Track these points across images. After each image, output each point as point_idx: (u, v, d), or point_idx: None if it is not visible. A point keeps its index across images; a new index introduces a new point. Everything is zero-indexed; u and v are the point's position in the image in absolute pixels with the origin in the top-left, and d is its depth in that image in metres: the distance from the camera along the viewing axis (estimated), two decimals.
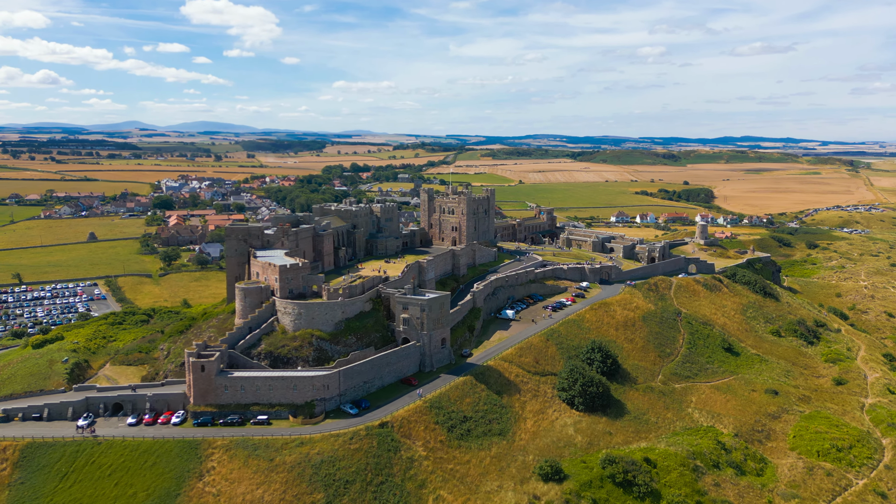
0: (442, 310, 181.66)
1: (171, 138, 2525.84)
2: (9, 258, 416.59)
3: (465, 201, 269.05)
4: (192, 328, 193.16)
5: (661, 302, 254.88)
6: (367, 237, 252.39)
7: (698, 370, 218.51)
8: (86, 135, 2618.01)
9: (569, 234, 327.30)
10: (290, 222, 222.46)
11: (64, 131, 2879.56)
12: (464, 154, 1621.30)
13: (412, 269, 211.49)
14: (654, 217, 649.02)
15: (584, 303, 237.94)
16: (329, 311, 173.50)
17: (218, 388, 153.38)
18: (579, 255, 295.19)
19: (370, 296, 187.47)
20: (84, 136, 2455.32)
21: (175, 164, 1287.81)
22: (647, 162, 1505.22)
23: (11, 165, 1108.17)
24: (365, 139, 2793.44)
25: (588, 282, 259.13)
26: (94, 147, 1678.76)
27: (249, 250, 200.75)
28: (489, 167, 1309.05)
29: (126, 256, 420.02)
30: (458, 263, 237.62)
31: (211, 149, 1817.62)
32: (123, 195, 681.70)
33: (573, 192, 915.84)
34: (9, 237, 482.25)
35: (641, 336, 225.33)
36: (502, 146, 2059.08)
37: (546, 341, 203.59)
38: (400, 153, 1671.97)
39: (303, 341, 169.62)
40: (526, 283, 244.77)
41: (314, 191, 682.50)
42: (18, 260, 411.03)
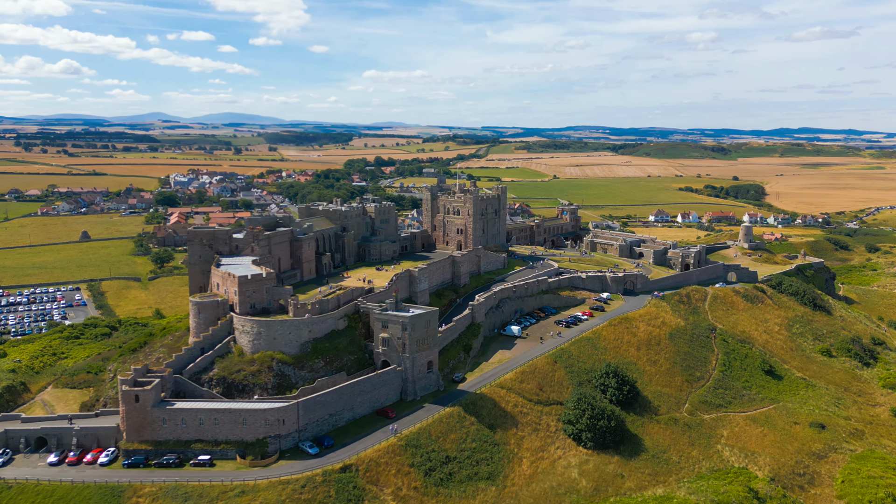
0: (428, 328, 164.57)
1: (194, 130, 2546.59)
2: None
3: (472, 200, 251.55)
4: (147, 346, 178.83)
5: (692, 316, 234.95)
6: (360, 241, 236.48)
7: (732, 397, 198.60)
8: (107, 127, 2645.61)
9: (593, 237, 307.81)
10: (267, 225, 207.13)
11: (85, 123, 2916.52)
12: (497, 147, 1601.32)
13: (401, 279, 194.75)
14: (697, 216, 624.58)
15: (603, 317, 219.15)
16: (293, 330, 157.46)
17: (155, 422, 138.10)
18: (602, 261, 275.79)
19: (347, 311, 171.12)
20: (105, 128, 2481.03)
21: (191, 157, 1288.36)
22: (695, 155, 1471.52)
23: (21, 158, 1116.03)
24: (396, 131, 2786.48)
25: (609, 293, 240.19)
26: (111, 139, 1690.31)
27: (215, 257, 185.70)
28: (523, 161, 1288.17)
29: (117, 258, 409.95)
30: (459, 272, 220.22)
31: (232, 141, 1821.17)
32: (128, 191, 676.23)
33: (611, 188, 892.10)
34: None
35: (667, 357, 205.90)
36: (540, 138, 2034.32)
37: (553, 364, 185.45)
38: (429, 146, 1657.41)
39: (261, 365, 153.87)
40: (537, 293, 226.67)
41: (329, 186, 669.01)
42: (2, 261, 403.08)
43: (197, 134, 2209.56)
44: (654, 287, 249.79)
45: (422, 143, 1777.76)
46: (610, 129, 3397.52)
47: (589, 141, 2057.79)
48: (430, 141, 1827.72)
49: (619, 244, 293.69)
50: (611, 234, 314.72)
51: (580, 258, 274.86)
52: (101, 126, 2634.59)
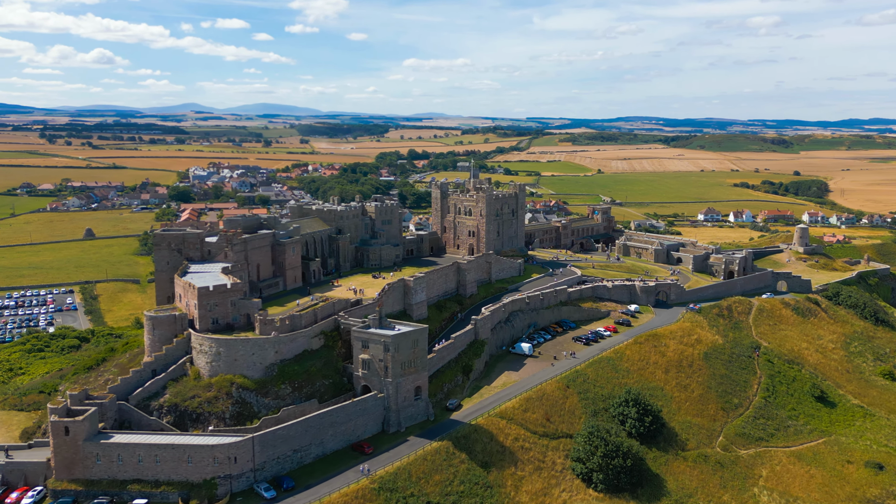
0: (415, 349, 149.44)
1: (226, 122, 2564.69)
2: None
3: (485, 199, 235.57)
4: (106, 363, 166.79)
5: (733, 332, 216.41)
6: (358, 244, 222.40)
7: (776, 429, 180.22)
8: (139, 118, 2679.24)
9: (626, 240, 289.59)
10: (247, 226, 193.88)
11: (117, 114, 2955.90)
12: (540, 139, 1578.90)
13: (394, 290, 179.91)
14: (751, 215, 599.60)
15: (628, 333, 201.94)
16: (257, 351, 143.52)
17: (87, 458, 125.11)
18: (633, 267, 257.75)
19: (324, 328, 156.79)
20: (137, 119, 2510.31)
21: (218, 150, 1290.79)
22: (753, 148, 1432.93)
23: (43, 151, 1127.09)
24: (436, 122, 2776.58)
25: (638, 304, 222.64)
26: (139, 131, 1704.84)
27: (183, 264, 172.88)
28: (566, 154, 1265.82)
29: (119, 258, 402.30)
30: (465, 280, 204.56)
31: (264, 133, 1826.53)
32: (143, 185, 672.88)
33: (659, 183, 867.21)
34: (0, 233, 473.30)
35: (700, 381, 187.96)
36: (587, 130, 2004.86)
37: (565, 389, 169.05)
38: (468, 138, 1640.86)
39: (219, 391, 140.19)
40: (554, 305, 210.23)
41: (354, 181, 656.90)
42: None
43: (228, 126, 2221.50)
44: (690, 298, 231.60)
45: (460, 134, 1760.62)
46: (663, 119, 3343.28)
47: (639, 133, 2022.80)
48: (468, 133, 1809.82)
49: (654, 248, 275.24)
50: (646, 237, 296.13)
51: (608, 264, 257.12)
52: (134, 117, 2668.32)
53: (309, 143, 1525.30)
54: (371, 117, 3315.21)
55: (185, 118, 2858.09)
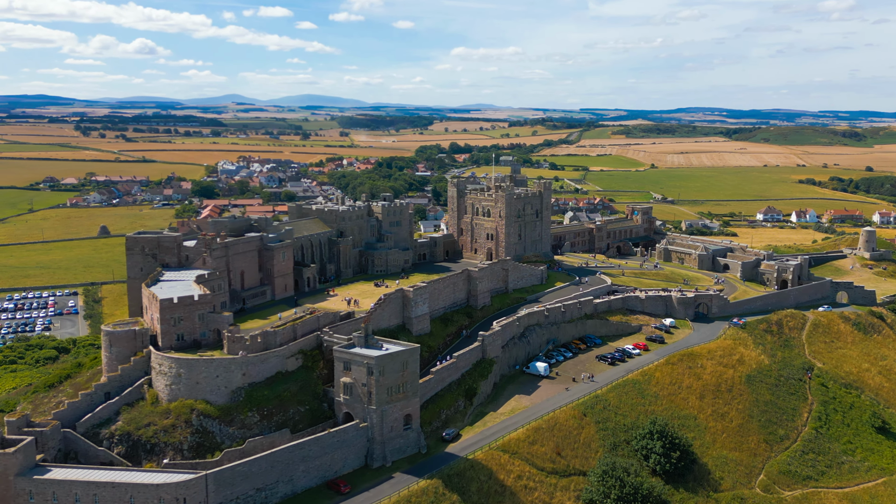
0: (404, 372, 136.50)
1: (268, 113, 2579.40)
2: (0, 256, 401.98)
3: (505, 199, 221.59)
4: (70, 380, 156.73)
5: (782, 351, 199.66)
6: (362, 248, 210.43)
7: (827, 466, 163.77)
8: (179, 109, 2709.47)
9: (668, 244, 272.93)
10: (234, 229, 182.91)
11: (158, 106, 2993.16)
12: (591, 132, 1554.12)
13: (392, 302, 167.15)
14: (815, 215, 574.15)
15: (660, 351, 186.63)
16: (221, 373, 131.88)
17: (20, 496, 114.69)
18: (673, 275, 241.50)
19: (304, 346, 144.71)
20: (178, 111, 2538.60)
21: (254, 143, 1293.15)
22: (822, 142, 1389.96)
23: (75, 144, 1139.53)
24: (484, 114, 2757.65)
25: (674, 318, 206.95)
26: (176, 123, 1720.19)
27: (156, 270, 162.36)
28: (619, 147, 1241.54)
29: None
30: (476, 290, 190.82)
31: (303, 125, 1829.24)
32: (169, 180, 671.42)
33: (717, 179, 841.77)
34: (13, 230, 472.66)
35: (740, 408, 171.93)
36: (643, 122, 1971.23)
37: (581, 417, 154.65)
38: (515, 130, 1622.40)
39: (178, 418, 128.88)
40: (579, 318, 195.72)
41: (386, 176, 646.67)
42: (7, 259, 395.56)
43: (268, 118, 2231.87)
44: (734, 311, 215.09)
45: (507, 127, 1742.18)
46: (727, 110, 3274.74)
47: (699, 125, 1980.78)
48: (516, 125, 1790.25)
49: (698, 254, 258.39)
50: (690, 241, 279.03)
51: (643, 272, 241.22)
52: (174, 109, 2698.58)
53: (349, 136, 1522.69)
54: (417, 109, 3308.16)
55: (225, 110, 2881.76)
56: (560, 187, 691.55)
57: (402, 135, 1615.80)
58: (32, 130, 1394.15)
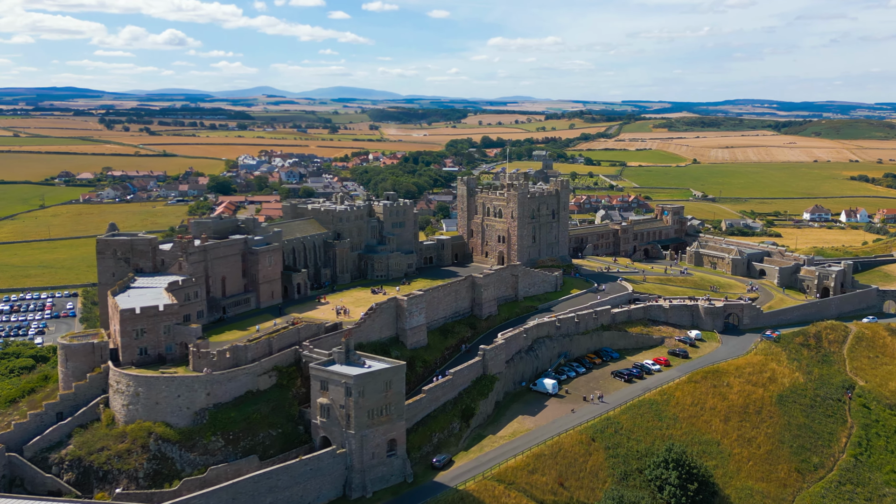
0: (387, 392, 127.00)
1: (298, 106, 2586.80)
2: (0, 256, 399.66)
3: (517, 199, 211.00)
4: (35, 393, 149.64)
5: (820, 367, 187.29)
6: (362, 251, 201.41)
7: (867, 498, 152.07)
8: (209, 102, 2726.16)
9: (700, 247, 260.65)
10: (218, 231, 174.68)
11: (187, 98, 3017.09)
12: (631, 125, 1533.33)
13: (383, 311, 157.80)
14: (867, 214, 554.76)
15: (683, 367, 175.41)
16: (183, 392, 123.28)
17: None
18: (702, 282, 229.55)
19: (279, 362, 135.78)
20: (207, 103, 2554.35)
21: (280, 136, 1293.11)
22: (877, 136, 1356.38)
23: (98, 137, 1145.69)
24: (522, 107, 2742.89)
25: (701, 329, 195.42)
26: (203, 116, 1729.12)
27: (128, 276, 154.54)
28: (660, 142, 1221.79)
29: None
30: (481, 298, 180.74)
31: (333, 118, 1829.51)
32: (186, 175, 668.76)
33: (763, 175, 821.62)
34: (20, 227, 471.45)
35: (770, 432, 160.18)
36: (688, 114, 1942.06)
37: (589, 442, 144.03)
38: (552, 123, 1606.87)
39: (134, 442, 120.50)
40: (594, 330, 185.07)
41: (411, 171, 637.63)
42: (10, 258, 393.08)
43: (297, 110, 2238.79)
44: (768, 322, 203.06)
45: (543, 120, 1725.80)
46: (777, 103, 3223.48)
47: (747, 117, 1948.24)
48: (553, 118, 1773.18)
49: (731, 258, 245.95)
50: (724, 244, 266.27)
51: (668, 278, 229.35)
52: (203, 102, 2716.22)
53: (378, 130, 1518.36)
54: (452, 101, 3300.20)
55: (255, 102, 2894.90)
56: (594, 184, 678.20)
57: (434, 128, 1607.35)
58: (56, 123, 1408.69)
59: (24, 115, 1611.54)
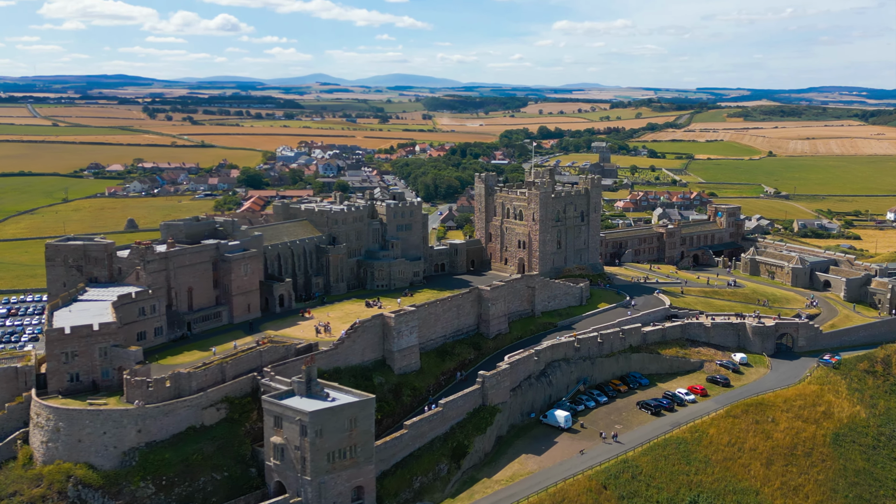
0: (351, 432, 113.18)
1: (352, 94, 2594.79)
2: (11, 253, 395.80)
3: (539, 199, 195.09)
4: None
5: (887, 399, 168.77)
6: (362, 257, 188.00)
7: None
8: (260, 90, 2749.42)
9: (756, 253, 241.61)
10: (191, 235, 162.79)
11: (238, 86, 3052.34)
12: (703, 114, 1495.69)
13: (367, 330, 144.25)
14: None
15: (721, 398, 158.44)
16: (110, 428, 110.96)
17: None
18: (753, 294, 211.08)
19: (230, 392, 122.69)
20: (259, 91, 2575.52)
21: (328, 126, 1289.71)
22: None
23: (138, 127, 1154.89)
24: (588, 94, 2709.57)
25: (748, 352, 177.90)
26: (251, 105, 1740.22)
27: (79, 287, 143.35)
28: (733, 132, 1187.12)
29: None
30: (488, 315, 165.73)
31: (386, 107, 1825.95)
32: (219, 167, 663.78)
33: (845, 169, 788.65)
34: (38, 222, 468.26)
35: (821, 479, 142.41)
36: (767, 103, 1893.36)
37: (600, 490, 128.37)
38: (617, 112, 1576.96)
39: (51, 486, 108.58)
40: (621, 352, 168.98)
41: (455, 165, 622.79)
42: (20, 255, 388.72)
43: (350, 99, 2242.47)
44: (827, 344, 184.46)
45: (608, 109, 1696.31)
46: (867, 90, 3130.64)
47: (832, 106, 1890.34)
48: (618, 107, 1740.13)
49: (791, 266, 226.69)
50: (786, 250, 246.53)
51: (715, 290, 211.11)
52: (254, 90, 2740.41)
53: (432, 119, 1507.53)
54: (514, 89, 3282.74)
55: (308, 91, 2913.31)
56: (655, 178, 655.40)
57: (491, 117, 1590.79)
58: (99, 112, 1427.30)
59: (69, 103, 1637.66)
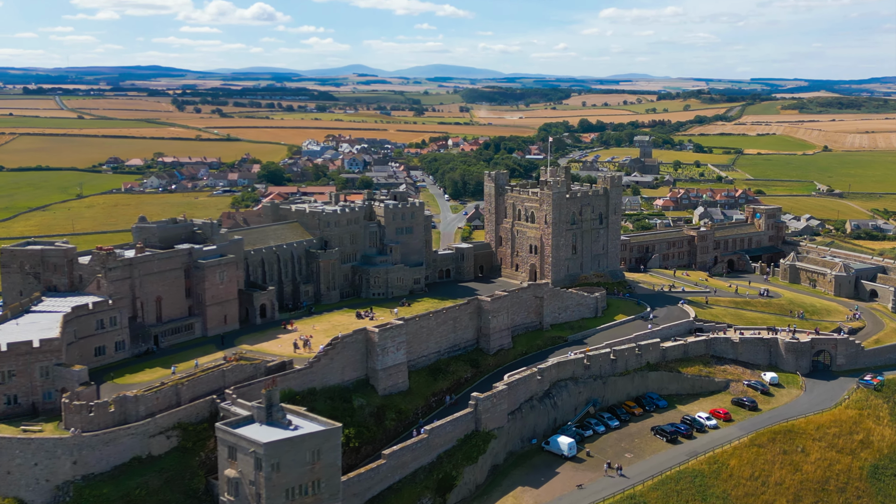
0: (314, 465, 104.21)
1: (390, 86, 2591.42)
2: None
3: (552, 200, 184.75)
4: None
5: None
6: (357, 263, 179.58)
7: None
8: (296, 81, 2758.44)
9: (796, 259, 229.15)
10: (164, 238, 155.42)
11: (274, 77, 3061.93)
12: (756, 106, 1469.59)
13: (348, 347, 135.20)
14: None
15: (746, 424, 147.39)
16: (42, 459, 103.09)
17: None
18: (790, 305, 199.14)
19: (185, 418, 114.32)
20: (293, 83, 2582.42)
21: (360, 119, 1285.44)
22: None
23: (165, 119, 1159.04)
24: (636, 85, 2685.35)
25: (780, 370, 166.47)
26: (285, 97, 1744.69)
27: (35, 296, 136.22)
28: (787, 125, 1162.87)
29: None
30: (488, 329, 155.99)
31: (422, 99, 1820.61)
32: (242, 161, 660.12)
33: None
34: (48, 220, 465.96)
35: None
36: (825, 94, 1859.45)
37: None
38: (664, 104, 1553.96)
39: None
40: (637, 370, 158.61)
41: (487, 160, 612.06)
42: None
43: (387, 90, 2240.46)
44: (870, 362, 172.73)
45: (655, 100, 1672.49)
46: None
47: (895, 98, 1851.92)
48: (666, 98, 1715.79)
49: (834, 274, 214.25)
50: (829, 255, 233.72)
51: (746, 301, 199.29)
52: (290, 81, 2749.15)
53: (469, 112, 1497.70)
54: (558, 80, 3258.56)
55: (345, 82, 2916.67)
56: (700, 174, 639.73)
57: (532, 110, 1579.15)
58: (128, 105, 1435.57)
59: (97, 95, 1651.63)
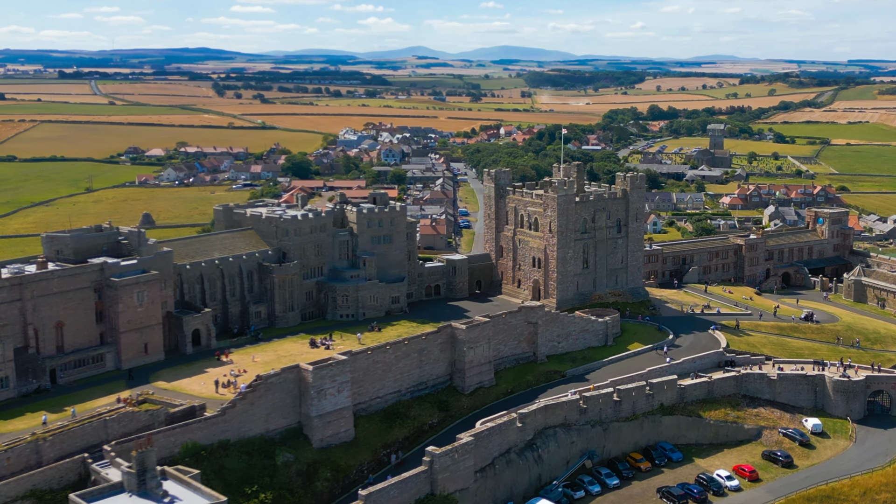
0: None
1: (451, 69, 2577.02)
2: (9, 250, 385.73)
3: (557, 204, 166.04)
4: None
5: None
6: (324, 278, 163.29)
7: None
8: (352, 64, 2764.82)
9: (861, 274, 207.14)
10: (79, 250, 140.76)
11: (328, 60, 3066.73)
12: (850, 90, 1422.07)
13: (275, 388, 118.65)
14: None
15: (776, 486, 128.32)
16: None
17: None
18: (849, 330, 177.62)
19: (42, 482, 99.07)
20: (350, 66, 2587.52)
21: (411, 105, 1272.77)
22: None
23: (200, 105, 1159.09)
24: (720, 68, 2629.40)
25: (827, 415, 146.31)
26: (335, 81, 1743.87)
27: None
28: (884, 113, 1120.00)
29: None
30: (464, 363, 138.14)
31: (482, 83, 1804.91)
32: (270, 152, 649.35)
33: None
34: (49, 215, 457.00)
35: None
36: None
37: None
38: (746, 89, 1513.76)
39: None
40: (647, 413, 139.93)
41: (537, 151, 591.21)
42: (16, 254, 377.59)
43: (446, 74, 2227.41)
44: None
45: (737, 85, 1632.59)
46: None
47: None
48: (749, 82, 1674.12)
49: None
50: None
51: (794, 326, 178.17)
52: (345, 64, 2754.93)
53: (531, 97, 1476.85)
54: (634, 62, 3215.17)
55: (404, 65, 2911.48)
56: (777, 168, 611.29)
57: (601, 95, 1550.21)
58: (165, 90, 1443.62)
59: (135, 79, 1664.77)
